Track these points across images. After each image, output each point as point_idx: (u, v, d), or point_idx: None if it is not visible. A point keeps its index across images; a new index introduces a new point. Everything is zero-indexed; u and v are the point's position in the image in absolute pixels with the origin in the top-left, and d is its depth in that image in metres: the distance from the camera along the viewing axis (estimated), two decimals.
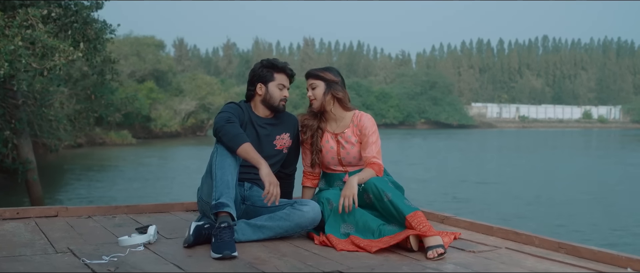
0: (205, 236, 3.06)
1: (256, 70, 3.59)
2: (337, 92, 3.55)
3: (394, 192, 3.28)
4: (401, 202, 3.22)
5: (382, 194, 3.27)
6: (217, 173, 3.15)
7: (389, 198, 3.24)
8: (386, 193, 3.26)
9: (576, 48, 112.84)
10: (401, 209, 3.17)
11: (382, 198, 3.27)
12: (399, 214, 3.17)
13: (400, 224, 3.19)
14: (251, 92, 3.58)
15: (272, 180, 3.14)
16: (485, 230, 3.47)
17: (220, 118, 3.30)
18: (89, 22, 10.09)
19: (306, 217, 3.25)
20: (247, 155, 3.18)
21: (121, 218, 3.80)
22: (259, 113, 3.56)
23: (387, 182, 3.38)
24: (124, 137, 36.76)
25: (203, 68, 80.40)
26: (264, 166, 3.15)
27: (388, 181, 3.41)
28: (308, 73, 3.64)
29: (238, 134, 3.20)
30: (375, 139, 3.51)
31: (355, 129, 3.55)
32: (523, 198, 15.89)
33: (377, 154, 3.48)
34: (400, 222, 3.18)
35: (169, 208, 4.07)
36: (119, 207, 3.94)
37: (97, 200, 15.00)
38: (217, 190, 3.10)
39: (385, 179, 3.43)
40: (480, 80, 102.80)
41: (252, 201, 3.44)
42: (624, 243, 10.68)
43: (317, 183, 3.72)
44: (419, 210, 3.19)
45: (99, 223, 3.63)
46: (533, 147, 40.58)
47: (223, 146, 3.21)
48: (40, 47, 8.76)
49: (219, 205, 3.05)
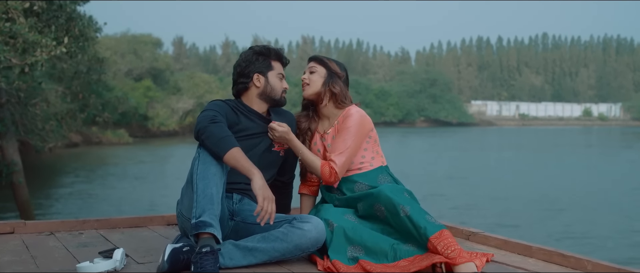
0: (184, 262, 2.49)
1: (250, 59, 3.00)
2: (334, 86, 2.98)
3: (412, 206, 2.69)
4: (422, 218, 2.64)
5: (397, 208, 2.69)
6: (199, 185, 2.58)
7: (407, 213, 2.66)
8: (403, 207, 2.68)
9: (576, 45, 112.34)
10: (423, 228, 2.60)
11: (397, 213, 2.69)
12: (420, 235, 2.60)
13: (421, 246, 2.62)
14: (244, 85, 2.99)
15: (266, 194, 2.57)
16: (523, 249, 2.89)
17: (204, 117, 2.72)
18: (74, 18, 9.51)
19: (307, 236, 2.67)
20: (237, 163, 2.61)
21: (89, 235, 3.22)
22: (254, 108, 2.99)
23: (403, 192, 2.79)
24: (121, 136, 36.54)
25: (201, 66, 79.95)
26: (258, 177, 2.59)
27: (404, 190, 2.83)
28: (313, 56, 3.09)
29: (224, 136, 2.64)
30: (347, 137, 2.90)
31: (338, 126, 2.99)
32: (524, 199, 15.36)
33: (340, 156, 2.88)
34: (422, 243, 2.61)
35: (147, 222, 3.49)
36: (87, 221, 3.36)
37: (88, 204, 14.45)
38: (199, 205, 2.53)
39: (401, 188, 2.85)
40: (479, 78, 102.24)
41: (242, 217, 2.85)
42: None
43: (316, 191, 3.15)
44: (445, 229, 2.62)
45: (61, 242, 3.05)
46: (534, 145, 40.01)
47: (207, 151, 2.64)
48: (20, 42, 8.18)
49: (200, 224, 2.48)
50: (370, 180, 2.97)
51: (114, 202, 14.45)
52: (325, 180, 2.93)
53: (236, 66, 3.04)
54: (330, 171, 2.89)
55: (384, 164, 3.06)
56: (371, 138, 3.02)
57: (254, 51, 3.03)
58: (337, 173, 2.90)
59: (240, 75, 3.01)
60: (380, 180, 2.98)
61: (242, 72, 3.01)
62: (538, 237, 10.84)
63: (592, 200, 15.50)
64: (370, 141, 3.01)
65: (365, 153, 3.00)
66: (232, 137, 2.67)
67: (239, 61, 3.04)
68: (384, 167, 3.04)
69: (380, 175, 2.99)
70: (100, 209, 13.74)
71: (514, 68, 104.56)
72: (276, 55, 3.04)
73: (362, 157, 2.99)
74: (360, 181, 2.96)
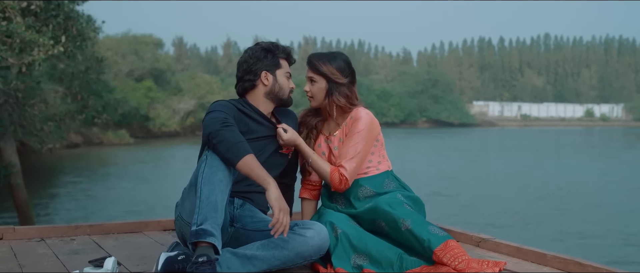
0: (179, 271, 2.35)
1: (258, 55, 2.82)
2: (338, 99, 2.79)
3: (413, 218, 2.56)
4: (424, 230, 2.51)
5: (398, 222, 2.56)
6: (203, 190, 2.41)
7: (408, 227, 2.53)
8: (404, 220, 2.55)
9: (578, 46, 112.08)
10: (426, 241, 2.47)
11: (398, 227, 2.56)
12: (424, 248, 2.48)
13: (427, 258, 2.49)
14: (251, 83, 2.82)
15: (283, 206, 2.40)
16: (537, 257, 2.73)
17: (214, 120, 2.55)
18: (72, 17, 9.36)
19: (309, 244, 2.52)
20: (251, 172, 2.44)
21: (81, 241, 3.08)
22: (261, 108, 2.83)
23: (402, 203, 2.65)
24: (122, 137, 36.48)
25: (203, 67, 79.86)
26: (273, 187, 2.43)
27: (403, 201, 2.68)
28: (308, 60, 2.88)
29: (238, 142, 2.46)
30: (358, 140, 2.74)
31: (346, 128, 2.82)
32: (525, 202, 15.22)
33: (351, 161, 2.72)
34: (426, 256, 2.49)
35: (142, 227, 3.34)
36: (79, 226, 3.22)
37: (87, 205, 14.32)
38: (201, 212, 2.37)
39: (400, 198, 2.69)
40: (481, 79, 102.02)
41: (242, 223, 2.71)
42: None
43: (317, 195, 2.99)
44: (451, 240, 2.48)
45: (51, 249, 2.91)
46: (536, 146, 39.84)
47: (217, 156, 2.48)
48: (17, 42, 8.04)
49: (200, 232, 2.32)
50: (376, 184, 2.83)
51: (113, 203, 14.32)
52: (335, 187, 2.78)
53: (242, 63, 2.86)
54: (340, 178, 2.74)
55: (390, 168, 2.93)
56: (378, 142, 2.88)
57: (261, 47, 2.86)
58: (347, 180, 2.75)
59: (247, 73, 2.83)
60: (386, 185, 2.85)
61: (248, 69, 2.83)
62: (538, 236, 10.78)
63: (595, 200, 15.38)
64: (377, 144, 2.88)
65: (372, 157, 2.86)
66: (246, 143, 2.50)
67: (245, 57, 2.85)
68: (390, 171, 2.91)
69: (386, 179, 2.86)
70: (99, 210, 13.62)
71: (515, 69, 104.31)
72: (284, 52, 2.88)
73: (369, 161, 2.85)
74: (365, 185, 2.83)
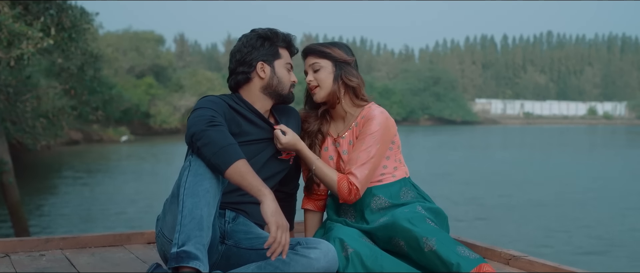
0: None
1: (254, 44, 2.42)
2: (350, 78, 2.40)
3: (438, 236, 2.14)
4: (452, 251, 2.09)
5: (420, 242, 2.14)
6: (186, 203, 2.01)
7: (433, 247, 2.11)
8: (427, 240, 2.13)
9: (581, 44, 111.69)
10: (455, 265, 2.06)
11: (420, 247, 2.14)
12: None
13: None
14: (245, 76, 2.42)
15: (280, 222, 1.98)
16: None
17: (199, 118, 2.13)
18: (64, 9, 8.96)
19: (315, 266, 2.11)
20: (243, 181, 2.02)
21: (51, 257, 2.68)
22: (257, 106, 2.43)
23: (425, 218, 2.23)
24: (122, 134, 36.09)
25: (204, 64, 79.59)
26: (270, 200, 2.00)
27: (425, 215, 2.25)
28: (307, 49, 2.47)
29: (227, 145, 2.05)
30: (371, 143, 2.32)
31: (356, 129, 2.41)
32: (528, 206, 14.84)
33: (363, 168, 2.30)
34: None
35: (124, 240, 2.93)
36: (51, 239, 2.81)
37: (85, 205, 13.96)
38: (183, 230, 1.97)
39: (421, 212, 2.27)
40: (484, 76, 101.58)
41: (235, 240, 2.30)
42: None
43: (323, 206, 2.58)
44: (485, 263, 2.07)
45: (14, 266, 2.51)
46: (538, 144, 39.45)
47: (202, 161, 2.07)
48: (5, 34, 7.65)
49: (183, 255, 1.93)
50: (391, 194, 2.42)
51: (110, 203, 13.95)
52: (343, 198, 2.36)
53: (235, 52, 2.45)
54: (349, 187, 2.33)
55: (407, 175, 2.51)
56: (394, 144, 2.47)
57: (258, 34, 2.45)
58: (358, 190, 2.33)
59: (240, 64, 2.43)
60: (404, 194, 2.44)
61: (242, 59, 2.42)
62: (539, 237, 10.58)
63: (599, 199, 15.05)
64: (393, 147, 2.46)
65: (387, 162, 2.45)
66: (237, 146, 2.07)
67: (239, 46, 2.45)
68: (407, 178, 2.50)
69: (403, 188, 2.45)
70: (97, 210, 13.27)
71: (518, 66, 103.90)
72: (284, 40, 2.48)
73: (384, 167, 2.44)
74: (380, 195, 2.42)
